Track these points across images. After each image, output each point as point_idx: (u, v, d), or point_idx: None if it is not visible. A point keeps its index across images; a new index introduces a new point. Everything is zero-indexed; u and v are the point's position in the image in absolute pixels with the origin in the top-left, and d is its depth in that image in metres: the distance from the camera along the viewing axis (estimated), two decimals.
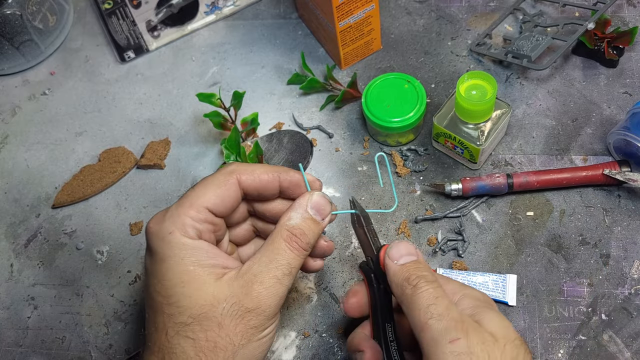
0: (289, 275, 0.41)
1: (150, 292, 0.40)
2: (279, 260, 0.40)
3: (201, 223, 0.41)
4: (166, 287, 0.39)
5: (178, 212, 0.40)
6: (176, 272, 0.39)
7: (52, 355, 0.57)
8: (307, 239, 0.42)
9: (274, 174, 0.44)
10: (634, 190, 0.58)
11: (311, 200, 0.43)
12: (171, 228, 0.40)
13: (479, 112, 0.55)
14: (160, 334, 0.39)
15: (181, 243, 0.39)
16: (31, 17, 0.72)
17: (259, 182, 0.43)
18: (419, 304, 0.38)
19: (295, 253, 0.41)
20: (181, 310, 0.38)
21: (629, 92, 0.64)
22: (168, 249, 0.39)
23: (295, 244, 0.41)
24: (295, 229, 0.42)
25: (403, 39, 0.71)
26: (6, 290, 0.62)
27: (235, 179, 0.42)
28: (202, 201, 0.41)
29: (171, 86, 0.72)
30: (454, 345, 0.35)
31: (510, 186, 0.58)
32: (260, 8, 0.76)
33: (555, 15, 0.70)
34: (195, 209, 0.40)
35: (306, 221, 0.42)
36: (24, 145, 0.71)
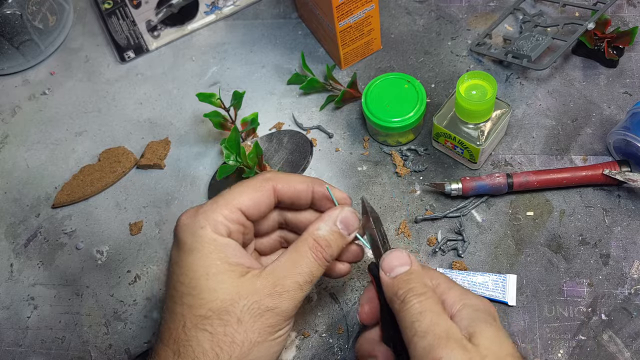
0: (310, 283, 0.42)
1: (173, 281, 0.41)
2: (302, 267, 0.41)
3: (233, 223, 0.42)
4: (190, 277, 0.40)
5: (212, 209, 0.41)
6: (202, 265, 0.40)
7: (51, 355, 0.57)
8: (331, 250, 0.43)
9: (309, 184, 0.45)
10: (634, 190, 0.58)
11: (341, 215, 0.44)
12: (203, 223, 0.41)
13: (479, 112, 0.55)
14: (177, 324, 0.39)
15: (211, 238, 0.40)
16: (31, 17, 0.72)
17: (294, 191, 0.45)
18: (405, 319, 0.38)
19: (319, 262, 0.42)
20: (202, 303, 0.39)
21: (629, 92, 0.64)
22: (198, 242, 0.40)
23: (319, 254, 0.42)
24: (321, 239, 0.43)
25: (403, 39, 0.71)
26: (6, 290, 0.62)
27: (271, 186, 0.44)
28: (237, 202, 0.42)
29: (171, 86, 0.72)
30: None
31: (510, 186, 0.58)
32: (260, 8, 0.76)
33: (555, 15, 0.70)
34: (229, 209, 0.42)
35: (333, 234, 0.43)
36: (24, 145, 0.71)
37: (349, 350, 0.54)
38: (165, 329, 0.40)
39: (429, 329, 0.37)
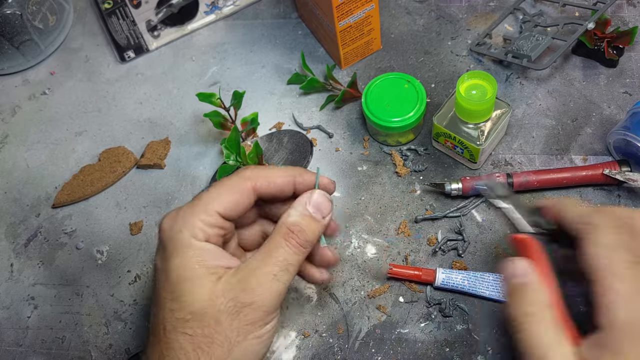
0: (286, 271, 0.40)
1: (157, 287, 0.41)
2: (275, 256, 0.40)
3: (211, 227, 0.41)
4: (171, 282, 0.39)
5: (191, 212, 0.41)
6: (181, 269, 0.39)
7: (52, 355, 0.57)
8: (305, 236, 0.42)
9: (290, 177, 0.44)
10: (634, 190, 0.58)
11: (311, 198, 0.43)
12: (181, 227, 0.40)
13: (479, 112, 0.55)
14: (159, 329, 0.39)
15: (189, 243, 0.40)
16: (31, 17, 0.72)
17: (274, 186, 0.43)
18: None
19: (293, 250, 0.41)
20: (182, 306, 0.39)
21: (629, 92, 0.64)
22: (176, 247, 0.40)
23: (292, 241, 0.41)
24: (293, 226, 0.42)
25: (403, 38, 0.71)
26: (6, 290, 0.62)
27: (250, 186, 0.43)
28: (215, 205, 0.41)
29: (171, 86, 0.72)
30: None
31: (510, 186, 0.58)
32: (260, 8, 0.76)
33: (555, 15, 0.70)
34: (207, 213, 0.41)
35: (305, 218, 0.42)
36: (24, 145, 0.71)
37: (348, 350, 0.54)
38: (151, 333, 0.41)
39: None
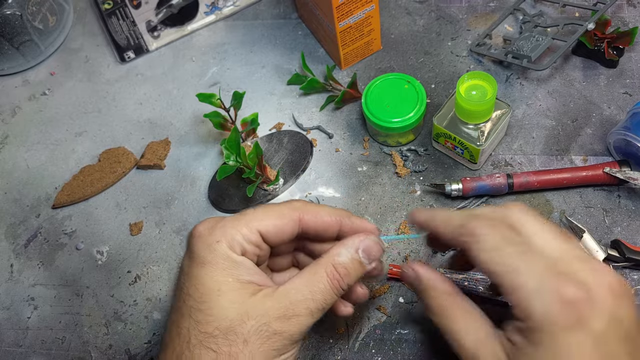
0: (321, 310, 0.40)
1: (182, 294, 0.40)
2: (316, 293, 0.40)
3: (249, 244, 0.41)
4: (201, 292, 0.39)
5: (232, 225, 0.40)
6: (215, 280, 0.39)
7: (52, 355, 0.57)
8: (349, 279, 0.41)
9: (337, 217, 0.44)
10: (634, 190, 0.58)
11: (364, 242, 0.42)
12: (220, 237, 0.40)
13: (479, 112, 0.55)
14: (182, 340, 0.38)
15: (226, 254, 0.39)
16: (31, 17, 0.72)
17: (321, 224, 0.43)
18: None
19: (334, 291, 0.40)
20: (210, 320, 0.38)
21: (629, 92, 0.64)
22: (212, 256, 0.39)
23: (336, 282, 0.40)
24: (340, 267, 0.41)
25: (403, 39, 0.71)
26: (6, 290, 0.62)
27: (297, 217, 0.42)
28: (258, 225, 0.41)
29: (171, 86, 0.72)
30: None
31: (511, 186, 0.58)
32: (260, 8, 0.76)
33: (555, 16, 0.70)
34: (249, 229, 0.40)
35: (354, 262, 0.42)
36: (24, 145, 0.71)
37: (348, 350, 0.54)
38: (169, 342, 0.40)
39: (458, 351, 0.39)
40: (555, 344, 0.33)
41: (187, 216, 0.63)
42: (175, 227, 0.63)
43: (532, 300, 0.34)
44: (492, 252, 0.37)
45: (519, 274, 0.35)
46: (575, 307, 0.33)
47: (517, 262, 0.36)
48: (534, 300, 0.34)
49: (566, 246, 0.37)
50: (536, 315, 0.34)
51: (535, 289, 0.34)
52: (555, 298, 0.34)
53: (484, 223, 0.38)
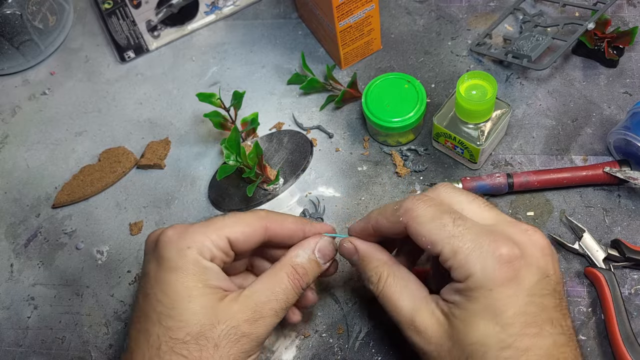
0: (284, 309, 0.42)
1: (150, 300, 0.40)
2: (279, 294, 0.42)
3: (218, 250, 0.42)
4: (172, 298, 0.39)
5: (202, 231, 0.41)
6: (185, 286, 0.39)
7: (52, 355, 0.57)
8: (307, 279, 0.44)
9: (299, 225, 0.46)
10: (634, 190, 0.58)
11: (320, 243, 0.45)
12: (190, 243, 0.41)
13: (479, 112, 0.55)
14: (151, 346, 0.39)
15: (196, 260, 0.40)
16: (31, 17, 0.72)
17: (287, 232, 0.45)
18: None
19: (295, 290, 0.43)
20: (181, 326, 0.38)
21: (629, 92, 0.64)
22: (183, 261, 0.40)
23: (296, 282, 0.43)
24: (299, 267, 0.43)
25: (403, 39, 0.71)
26: (6, 290, 0.62)
27: (264, 225, 0.44)
28: (227, 232, 0.42)
29: (171, 86, 0.72)
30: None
31: (511, 186, 0.58)
32: (260, 8, 0.76)
33: (555, 15, 0.70)
34: (218, 236, 0.42)
35: (311, 262, 0.44)
36: (24, 145, 0.71)
37: (348, 350, 0.54)
38: (136, 349, 0.39)
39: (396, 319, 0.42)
40: (493, 298, 0.36)
41: (187, 216, 0.63)
42: None
43: (471, 261, 0.37)
44: (430, 224, 0.39)
45: (457, 238, 0.38)
46: (511, 265, 0.36)
47: (455, 228, 0.38)
48: (473, 260, 0.37)
49: (496, 213, 0.41)
50: (476, 275, 0.36)
51: (473, 251, 0.37)
52: (492, 257, 0.36)
53: (416, 199, 0.41)
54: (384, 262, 0.44)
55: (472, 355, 0.37)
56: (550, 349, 0.36)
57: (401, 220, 0.41)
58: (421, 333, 0.40)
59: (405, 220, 0.41)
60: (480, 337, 0.36)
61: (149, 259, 0.42)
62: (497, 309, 0.36)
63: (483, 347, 0.36)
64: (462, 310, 0.38)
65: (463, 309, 0.38)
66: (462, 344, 0.37)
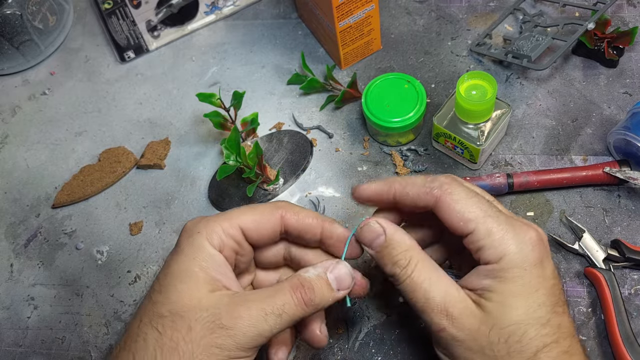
0: (278, 317, 0.38)
1: (154, 281, 0.41)
2: (274, 298, 0.39)
3: (228, 237, 0.41)
4: (167, 276, 0.40)
5: (214, 219, 0.42)
6: (182, 268, 0.40)
7: (52, 355, 0.57)
8: (312, 295, 0.40)
9: (318, 221, 0.44)
10: (634, 190, 0.58)
11: (335, 267, 0.42)
12: (201, 229, 0.41)
13: (479, 112, 0.55)
14: (136, 319, 0.39)
15: (202, 244, 0.40)
16: (31, 17, 0.72)
17: (302, 224, 0.44)
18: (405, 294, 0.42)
19: (294, 301, 0.39)
20: (165, 302, 0.39)
21: (629, 92, 0.64)
22: (188, 245, 0.40)
23: (298, 294, 0.40)
24: (305, 281, 0.41)
25: (403, 39, 0.71)
26: (6, 290, 0.62)
27: (279, 214, 0.43)
28: (239, 220, 0.42)
29: (171, 86, 0.72)
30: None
31: (511, 186, 0.58)
32: (260, 8, 0.76)
33: (555, 15, 0.70)
34: (229, 223, 0.41)
35: (320, 280, 0.41)
36: (24, 145, 0.71)
37: (348, 350, 0.54)
38: (129, 323, 0.41)
39: (425, 306, 0.39)
40: (529, 277, 0.38)
41: (187, 216, 0.63)
42: (175, 226, 0.63)
43: (507, 241, 0.38)
44: (466, 200, 0.40)
45: (492, 219, 0.39)
46: (538, 248, 0.39)
47: (490, 209, 0.40)
48: (508, 241, 0.38)
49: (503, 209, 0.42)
50: (512, 254, 0.38)
51: (508, 232, 0.38)
52: (525, 239, 0.38)
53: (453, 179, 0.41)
54: (413, 246, 0.42)
55: (512, 335, 0.37)
56: (571, 327, 0.39)
57: (435, 192, 0.40)
58: (455, 320, 0.39)
59: (439, 194, 0.40)
60: (520, 316, 0.37)
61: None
62: (532, 287, 0.38)
63: (524, 326, 0.37)
64: (497, 293, 0.38)
65: (498, 292, 0.38)
66: (500, 326, 0.37)
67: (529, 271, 0.38)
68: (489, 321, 0.38)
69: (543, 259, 0.39)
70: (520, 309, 0.37)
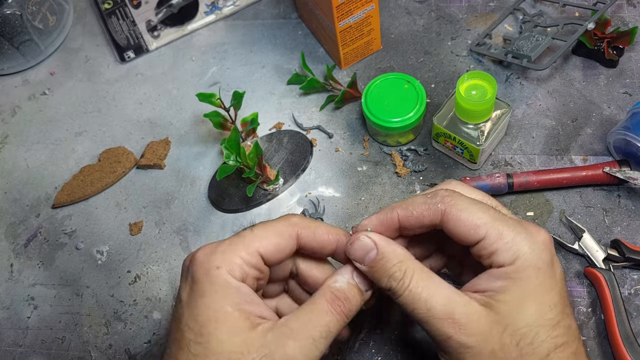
0: (325, 339, 0.38)
1: (180, 325, 0.38)
2: (317, 321, 0.38)
3: (250, 267, 0.39)
4: (200, 323, 0.37)
5: (231, 249, 0.39)
6: (213, 309, 0.37)
7: (52, 355, 0.57)
8: (349, 305, 0.40)
9: (335, 237, 0.43)
10: (634, 190, 0.58)
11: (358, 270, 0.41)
12: (219, 263, 0.38)
13: (478, 112, 0.55)
14: None
15: (225, 281, 0.38)
16: (31, 17, 0.72)
17: (319, 241, 0.42)
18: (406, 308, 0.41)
19: (337, 317, 0.39)
20: (208, 353, 0.36)
21: (629, 92, 0.64)
22: (210, 283, 0.38)
23: (337, 307, 0.39)
24: (340, 292, 0.40)
25: (403, 39, 0.71)
26: (6, 290, 0.62)
27: (295, 232, 0.41)
28: (258, 246, 0.40)
29: (171, 86, 0.72)
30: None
31: (510, 186, 0.58)
32: (260, 8, 0.76)
33: (555, 15, 0.70)
34: (249, 252, 0.39)
35: (351, 287, 0.41)
36: (24, 145, 0.71)
37: (348, 350, 0.54)
38: None
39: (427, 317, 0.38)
40: (542, 277, 0.38)
41: (187, 216, 0.63)
42: (175, 226, 0.63)
43: (519, 242, 0.38)
44: (472, 208, 0.39)
45: (501, 222, 0.39)
46: (549, 249, 0.39)
47: (496, 213, 0.39)
48: (521, 242, 0.38)
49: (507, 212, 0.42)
50: (525, 255, 0.38)
51: (519, 233, 0.38)
52: (537, 240, 0.38)
53: (452, 190, 0.41)
54: (407, 257, 0.40)
55: (524, 337, 0.37)
56: (577, 328, 0.39)
57: (439, 207, 0.39)
58: (462, 326, 0.37)
59: (443, 207, 0.39)
60: (533, 318, 0.37)
61: (182, 285, 0.40)
62: (546, 287, 0.38)
63: (536, 328, 0.37)
64: (510, 294, 0.37)
65: (512, 292, 0.37)
66: (513, 328, 0.37)
67: (543, 271, 0.38)
68: (502, 322, 0.37)
69: (554, 260, 0.39)
70: (533, 310, 0.37)
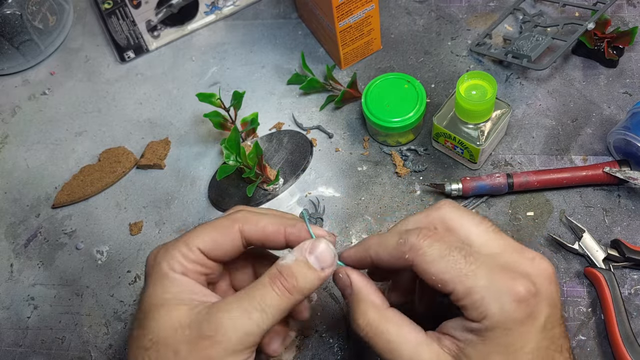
0: (261, 312, 0.37)
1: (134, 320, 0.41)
2: (253, 294, 0.38)
3: (189, 262, 0.40)
4: (143, 311, 0.39)
5: (172, 246, 0.40)
6: (153, 297, 0.39)
7: (52, 355, 0.57)
8: (294, 281, 0.39)
9: (280, 226, 0.42)
10: (634, 190, 0.58)
11: (312, 247, 0.40)
12: (161, 259, 0.40)
13: (479, 112, 0.55)
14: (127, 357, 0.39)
15: (164, 273, 0.39)
16: (31, 17, 0.72)
17: (263, 233, 0.42)
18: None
19: (277, 292, 0.38)
20: (145, 333, 0.38)
21: (629, 92, 0.64)
22: (153, 277, 0.40)
23: (278, 283, 0.38)
24: (283, 268, 0.39)
25: (403, 39, 0.71)
26: (6, 290, 0.62)
27: (237, 228, 0.41)
28: (196, 242, 0.40)
29: (171, 86, 0.72)
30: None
31: (510, 186, 0.58)
32: (260, 8, 0.76)
33: (555, 15, 0.70)
34: (187, 247, 0.40)
35: (299, 264, 0.39)
36: (24, 145, 0.71)
37: (348, 350, 0.54)
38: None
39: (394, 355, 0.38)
40: (511, 337, 0.35)
41: (187, 216, 0.63)
42: (175, 226, 0.63)
43: (487, 301, 0.35)
44: (440, 262, 0.37)
45: (470, 277, 0.36)
46: (527, 303, 0.35)
47: (466, 266, 0.36)
48: (489, 301, 0.35)
49: (503, 239, 0.39)
50: (494, 316, 0.35)
51: (489, 290, 0.35)
52: (509, 296, 0.35)
53: (422, 234, 0.38)
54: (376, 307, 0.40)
55: None
56: None
57: (407, 257, 0.38)
58: None
59: (411, 258, 0.38)
60: None
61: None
62: (514, 347, 0.35)
63: None
64: (477, 351, 0.36)
65: (478, 350, 0.36)
66: None
67: (513, 330, 0.35)
68: None
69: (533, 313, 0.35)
70: None
